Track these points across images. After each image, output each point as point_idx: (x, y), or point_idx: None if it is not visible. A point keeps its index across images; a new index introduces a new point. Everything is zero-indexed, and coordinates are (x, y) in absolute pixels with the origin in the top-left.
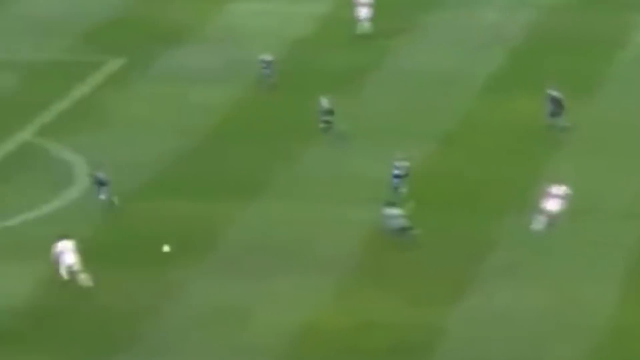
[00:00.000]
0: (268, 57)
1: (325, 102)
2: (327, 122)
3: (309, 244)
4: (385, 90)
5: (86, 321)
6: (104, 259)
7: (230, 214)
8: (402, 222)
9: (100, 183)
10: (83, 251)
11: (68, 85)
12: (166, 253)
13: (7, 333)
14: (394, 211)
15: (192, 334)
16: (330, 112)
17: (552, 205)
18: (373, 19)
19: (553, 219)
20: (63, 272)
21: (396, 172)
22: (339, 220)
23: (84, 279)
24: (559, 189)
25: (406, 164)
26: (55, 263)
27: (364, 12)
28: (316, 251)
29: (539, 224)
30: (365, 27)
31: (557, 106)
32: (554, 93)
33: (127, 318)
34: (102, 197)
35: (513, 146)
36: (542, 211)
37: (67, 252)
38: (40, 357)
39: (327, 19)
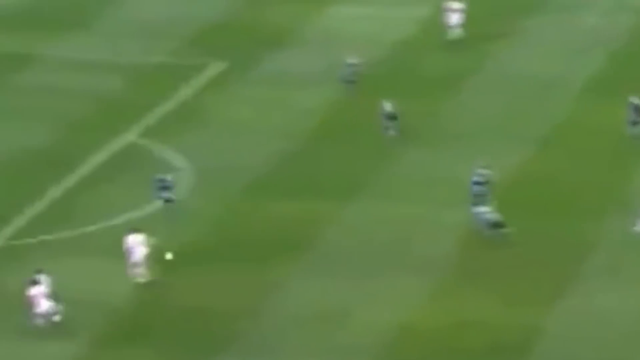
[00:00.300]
0: (354, 60)
1: (388, 106)
2: (389, 126)
3: (406, 245)
4: (485, 93)
5: (187, 320)
6: (206, 259)
7: (330, 215)
8: (495, 217)
9: (164, 187)
10: (185, 252)
11: (173, 87)
12: (261, 254)
13: (112, 330)
14: (484, 208)
15: (290, 333)
16: (392, 116)
17: None
18: (469, 24)
19: None
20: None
21: (476, 179)
22: (436, 221)
23: (141, 273)
24: None
25: (487, 171)
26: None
27: (455, 18)
28: (413, 251)
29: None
30: (456, 33)
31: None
32: (637, 101)
33: (227, 318)
34: (164, 195)
35: (612, 149)
36: None
37: (137, 247)
38: (143, 353)
39: (427, 22)
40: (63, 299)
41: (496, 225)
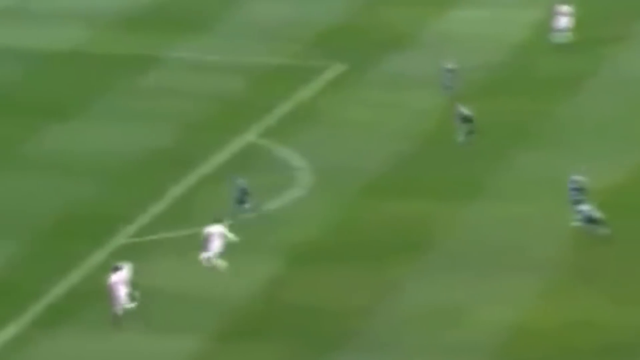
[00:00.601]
0: (451, 65)
1: (463, 109)
2: (463, 129)
3: (520, 245)
4: (600, 96)
5: (303, 318)
6: (322, 258)
7: (445, 215)
8: (595, 214)
9: (243, 193)
10: (302, 251)
11: (292, 89)
12: (377, 254)
13: (230, 327)
14: (585, 206)
15: (405, 331)
16: (467, 118)
17: None
18: (582, 27)
19: None
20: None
21: (573, 186)
22: (549, 221)
23: (210, 261)
24: None
25: (583, 178)
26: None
27: (563, 22)
28: (527, 251)
29: None
30: (565, 36)
31: None
32: None
33: (342, 316)
34: (246, 206)
35: None
36: None
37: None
38: (260, 349)
39: (543, 25)
40: (140, 288)
41: (595, 221)
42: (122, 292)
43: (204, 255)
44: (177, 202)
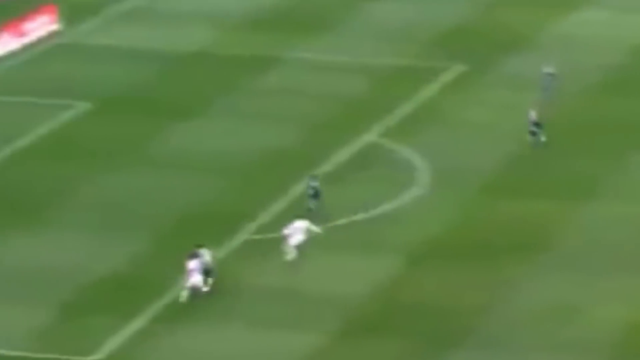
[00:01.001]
0: (551, 70)
1: (533, 114)
2: (533, 132)
3: (637, 244)
4: None
5: (423, 315)
6: (441, 257)
7: (563, 215)
8: None
9: (315, 194)
10: (421, 250)
11: (413, 89)
12: (495, 253)
13: (352, 323)
14: None
15: (521, 329)
16: (537, 124)
17: None
18: None
19: None
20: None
21: None
22: None
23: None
24: None
25: None
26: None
27: None
28: None
29: None
30: None
31: None
32: None
33: (460, 313)
34: (311, 206)
35: None
36: None
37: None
38: (382, 346)
39: None
40: (216, 274)
41: None
42: (198, 277)
43: (289, 245)
44: (297, 200)
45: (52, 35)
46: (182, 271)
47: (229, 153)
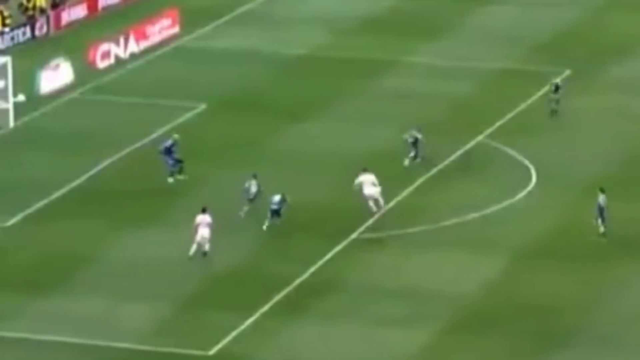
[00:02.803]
0: None
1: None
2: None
3: None
4: None
5: (531, 314)
6: (550, 256)
7: None
8: None
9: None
10: (527, 251)
11: (522, 93)
12: (602, 253)
13: (460, 321)
14: None
15: (630, 328)
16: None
17: None
18: None
19: None
20: None
21: None
22: None
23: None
24: None
25: None
26: None
27: None
28: None
29: None
30: None
31: None
32: None
33: (568, 312)
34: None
35: None
36: None
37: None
38: (489, 344)
39: None
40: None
41: None
42: (206, 232)
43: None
44: (408, 200)
45: (172, 38)
46: (296, 266)
47: (342, 155)
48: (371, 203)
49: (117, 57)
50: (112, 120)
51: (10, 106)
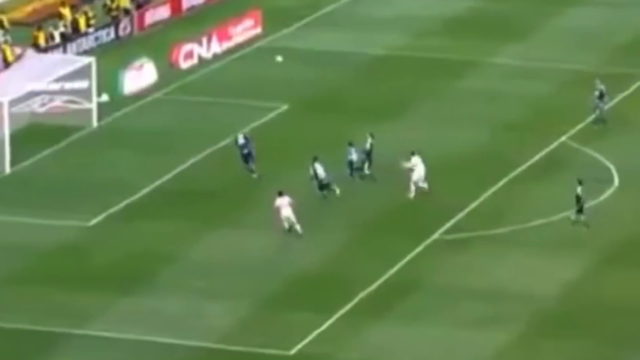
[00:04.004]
0: None
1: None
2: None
3: None
4: None
5: (612, 317)
6: (633, 257)
7: None
8: None
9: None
10: (610, 253)
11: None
12: None
13: (541, 323)
14: None
15: None
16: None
17: None
18: None
19: None
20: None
21: None
22: None
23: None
24: None
25: None
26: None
27: None
28: None
29: None
30: None
31: None
32: None
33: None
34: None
35: None
36: None
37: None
38: (576, 344)
39: None
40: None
41: None
42: (286, 212)
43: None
44: (492, 201)
45: (254, 39)
46: (378, 267)
47: (426, 155)
48: (421, 184)
49: (200, 58)
50: (195, 121)
51: (94, 106)
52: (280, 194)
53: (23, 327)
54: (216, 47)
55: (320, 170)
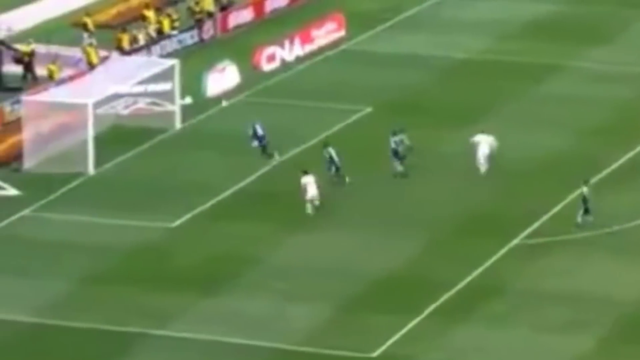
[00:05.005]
0: None
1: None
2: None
3: None
4: None
5: None
6: None
7: None
8: None
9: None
10: None
11: None
12: None
13: (620, 328)
14: None
15: None
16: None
17: None
18: None
19: None
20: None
21: None
22: None
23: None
24: None
25: None
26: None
27: None
28: None
29: None
30: None
31: None
32: None
33: None
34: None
35: None
36: None
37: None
38: None
39: None
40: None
41: None
42: (312, 191)
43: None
44: (574, 205)
45: (337, 41)
46: (460, 269)
47: (504, 158)
48: (482, 161)
49: (282, 60)
50: (277, 123)
51: (177, 108)
52: (306, 172)
53: (102, 327)
54: (298, 50)
55: (334, 154)
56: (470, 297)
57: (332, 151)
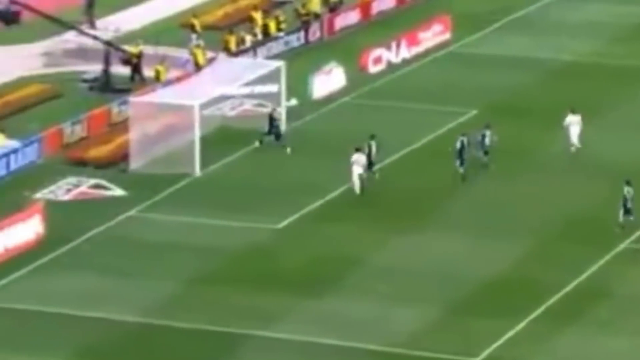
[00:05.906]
0: None
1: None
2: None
3: None
4: None
5: None
6: None
7: None
8: None
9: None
10: None
11: None
12: None
13: None
14: None
15: None
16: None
17: None
18: None
19: None
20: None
21: None
22: None
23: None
24: None
25: None
26: None
27: None
28: None
29: None
30: None
31: None
32: None
33: None
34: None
35: None
36: None
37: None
38: None
39: None
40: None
41: None
42: (357, 170)
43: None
44: None
45: (444, 44)
46: (566, 273)
47: (611, 162)
48: (574, 140)
49: (389, 62)
50: (384, 125)
51: (283, 110)
52: (358, 149)
53: (207, 328)
54: (405, 52)
55: (374, 148)
56: (576, 302)
57: (372, 144)
